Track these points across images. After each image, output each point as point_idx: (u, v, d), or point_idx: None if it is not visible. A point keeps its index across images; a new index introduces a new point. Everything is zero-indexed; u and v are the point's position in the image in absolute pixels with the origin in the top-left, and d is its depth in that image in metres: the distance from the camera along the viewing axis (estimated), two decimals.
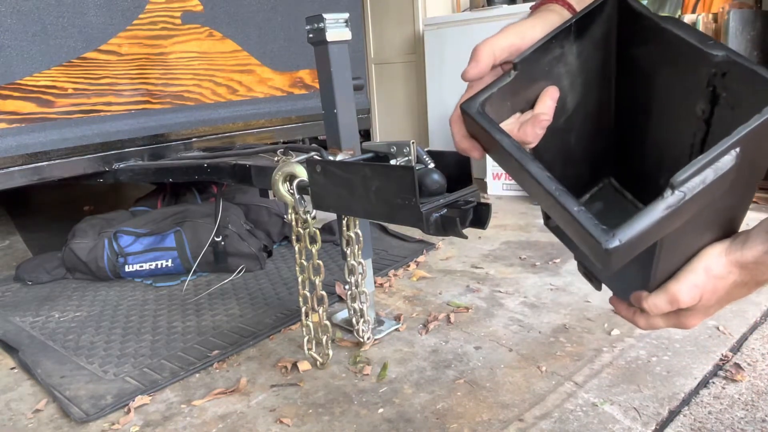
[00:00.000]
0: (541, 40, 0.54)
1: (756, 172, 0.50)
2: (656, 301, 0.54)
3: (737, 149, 0.43)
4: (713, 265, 0.53)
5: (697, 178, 0.42)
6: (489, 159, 3.16)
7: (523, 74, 0.54)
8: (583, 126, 0.62)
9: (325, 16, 1.38)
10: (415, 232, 2.46)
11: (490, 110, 0.53)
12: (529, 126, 0.53)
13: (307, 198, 1.32)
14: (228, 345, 1.61)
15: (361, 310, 1.54)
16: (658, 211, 0.42)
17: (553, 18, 0.56)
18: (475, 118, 0.52)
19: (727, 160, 0.43)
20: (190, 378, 1.47)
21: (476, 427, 1.21)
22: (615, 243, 0.42)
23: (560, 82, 0.57)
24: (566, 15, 0.56)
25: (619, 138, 0.65)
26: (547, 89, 0.54)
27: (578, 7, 0.56)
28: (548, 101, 0.54)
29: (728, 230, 0.55)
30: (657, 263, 0.52)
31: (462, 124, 0.55)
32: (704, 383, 1.30)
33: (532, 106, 0.55)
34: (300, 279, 1.45)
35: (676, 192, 0.42)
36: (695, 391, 1.27)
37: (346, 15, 1.42)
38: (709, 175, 0.43)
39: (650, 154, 0.62)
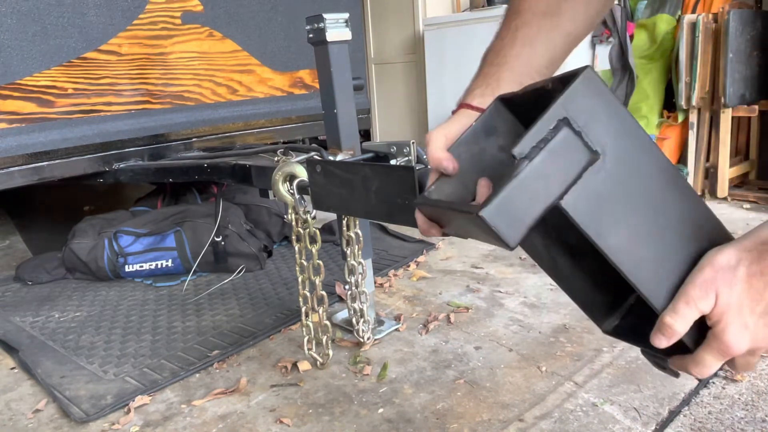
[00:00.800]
0: (457, 140, 0.65)
1: (646, 156, 0.52)
2: (675, 307, 0.51)
3: (562, 117, 0.49)
4: (717, 257, 0.51)
5: (532, 146, 0.49)
6: None
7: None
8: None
9: (325, 16, 1.38)
10: (415, 232, 2.46)
11: (439, 194, 0.65)
12: None
13: (307, 198, 1.32)
14: (228, 345, 1.61)
15: (361, 310, 1.54)
16: (512, 178, 0.49)
17: (464, 121, 0.66)
18: (421, 202, 0.65)
19: (559, 131, 0.49)
20: (190, 378, 1.47)
21: (476, 427, 1.21)
22: (486, 210, 0.48)
23: (497, 172, 0.63)
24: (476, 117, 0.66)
25: None
26: (480, 181, 0.62)
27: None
28: (483, 189, 0.61)
29: (721, 238, 0.54)
30: (641, 288, 0.52)
31: (422, 215, 0.66)
32: (704, 383, 1.30)
33: (472, 193, 0.63)
34: (300, 279, 1.45)
35: (525, 161, 0.49)
36: (695, 391, 1.27)
37: (346, 15, 1.42)
38: (544, 145, 0.49)
39: None
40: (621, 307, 0.66)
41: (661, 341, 0.53)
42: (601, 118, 0.51)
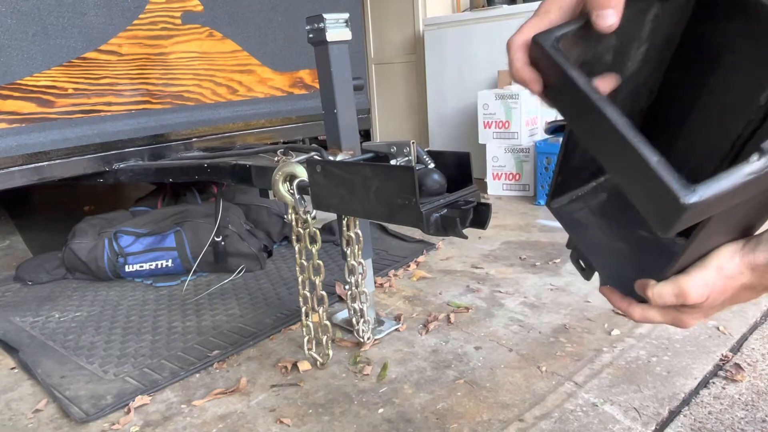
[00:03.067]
0: None
1: None
2: (662, 291, 0.53)
3: None
4: (726, 265, 0.52)
5: None
6: (488, 158, 3.13)
7: None
8: (627, 99, 0.59)
9: (325, 16, 1.38)
10: (415, 232, 2.46)
11: (563, 48, 0.49)
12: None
13: (307, 198, 1.32)
14: (228, 345, 1.61)
15: (361, 310, 1.54)
16: (741, 174, 0.39)
17: None
18: (550, 52, 0.48)
19: None
20: (190, 378, 1.47)
21: (476, 427, 1.21)
22: (694, 198, 0.38)
23: (630, 42, 0.54)
24: None
25: (650, 118, 0.61)
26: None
27: None
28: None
29: (746, 232, 0.54)
30: (681, 255, 0.51)
31: (525, 51, 0.51)
32: (704, 383, 1.30)
33: (597, 58, 0.53)
34: (300, 279, 1.45)
35: (764, 158, 0.39)
36: (695, 391, 1.27)
37: (346, 15, 1.42)
38: None
39: (682, 140, 0.59)
40: (571, 192, 0.66)
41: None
42: None
